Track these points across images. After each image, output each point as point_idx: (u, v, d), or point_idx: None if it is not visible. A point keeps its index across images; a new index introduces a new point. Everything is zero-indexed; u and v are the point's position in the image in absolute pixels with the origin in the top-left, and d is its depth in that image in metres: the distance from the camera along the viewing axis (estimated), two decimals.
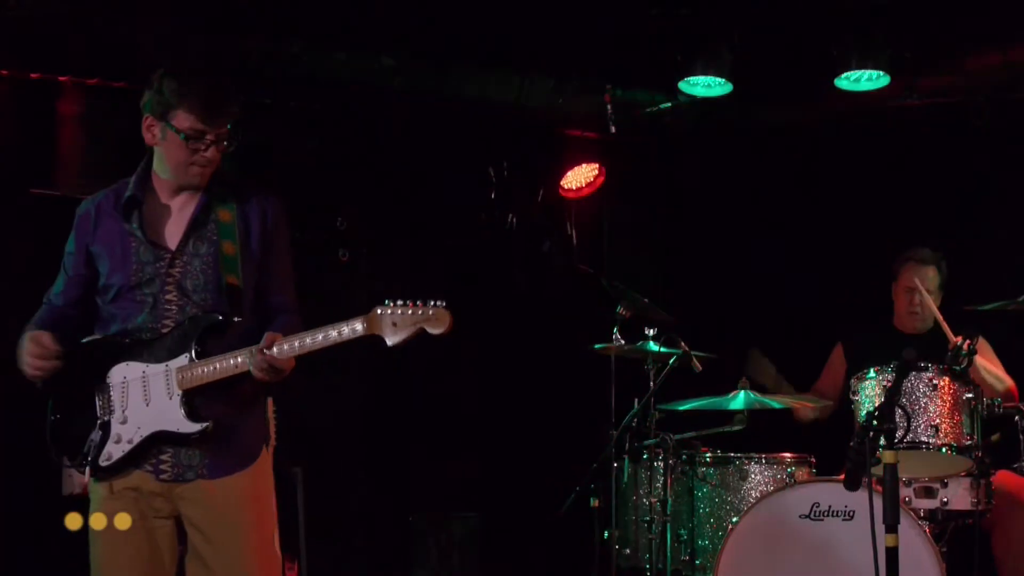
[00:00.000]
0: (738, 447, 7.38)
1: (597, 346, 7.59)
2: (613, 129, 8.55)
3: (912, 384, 6.52)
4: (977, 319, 6.94)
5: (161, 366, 4.90)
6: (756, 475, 7.20)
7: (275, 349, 4.79)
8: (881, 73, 8.08)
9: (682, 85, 8.33)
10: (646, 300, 7.58)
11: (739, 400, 7.25)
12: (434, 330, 4.73)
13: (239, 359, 4.83)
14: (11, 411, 7.91)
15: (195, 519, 4.94)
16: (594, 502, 7.49)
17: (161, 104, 4.91)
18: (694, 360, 7.34)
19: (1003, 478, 6.95)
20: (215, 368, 4.84)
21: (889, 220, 8.88)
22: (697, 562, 7.28)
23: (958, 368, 6.65)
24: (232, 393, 4.95)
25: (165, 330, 4.93)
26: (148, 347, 4.93)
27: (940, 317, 7.46)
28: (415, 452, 9.18)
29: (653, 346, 7.49)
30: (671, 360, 7.37)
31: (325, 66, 8.06)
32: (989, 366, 7.38)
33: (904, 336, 7.77)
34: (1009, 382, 7.42)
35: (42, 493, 7.92)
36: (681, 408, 7.48)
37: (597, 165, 9.23)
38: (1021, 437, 6.72)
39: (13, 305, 8.03)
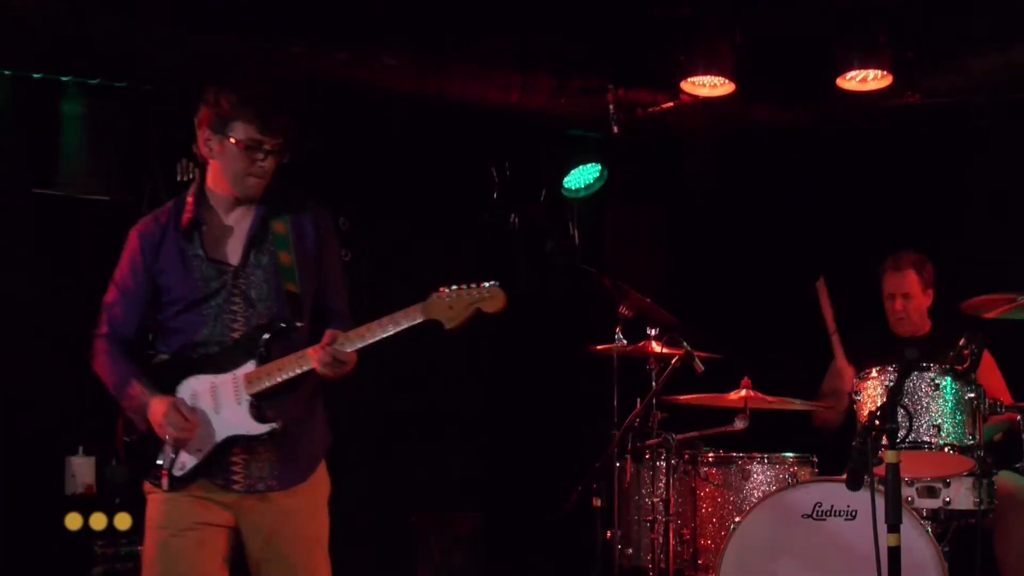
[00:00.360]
0: (740, 447, 7.41)
1: (599, 347, 7.60)
2: (615, 129, 8.55)
3: (914, 384, 6.51)
4: (987, 328, 6.96)
5: (228, 375, 5.05)
6: (758, 475, 7.27)
7: (337, 343, 4.96)
8: (883, 73, 8.09)
9: (684, 85, 8.34)
10: (648, 300, 7.58)
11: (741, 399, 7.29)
12: (489, 309, 4.98)
13: (303, 358, 4.99)
14: (13, 410, 7.97)
15: (263, 529, 5.12)
16: (596, 502, 7.46)
17: (219, 117, 5.07)
18: (696, 360, 7.33)
19: (1005, 478, 6.94)
20: (280, 369, 5.01)
21: (890, 220, 8.91)
22: (699, 562, 7.33)
23: (960, 368, 6.67)
24: (296, 402, 5.15)
25: (233, 341, 5.10)
26: (214, 360, 5.09)
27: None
28: (418, 451, 9.20)
29: (655, 346, 7.49)
30: (673, 360, 7.37)
31: (326, 66, 8.04)
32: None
33: (901, 337, 7.78)
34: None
35: (45, 492, 8.01)
36: (682, 398, 7.54)
37: (599, 165, 9.20)
38: (1023, 437, 6.67)
39: (16, 303, 8.14)
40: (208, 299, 5.12)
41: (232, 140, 5.07)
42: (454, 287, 4.98)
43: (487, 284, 5.00)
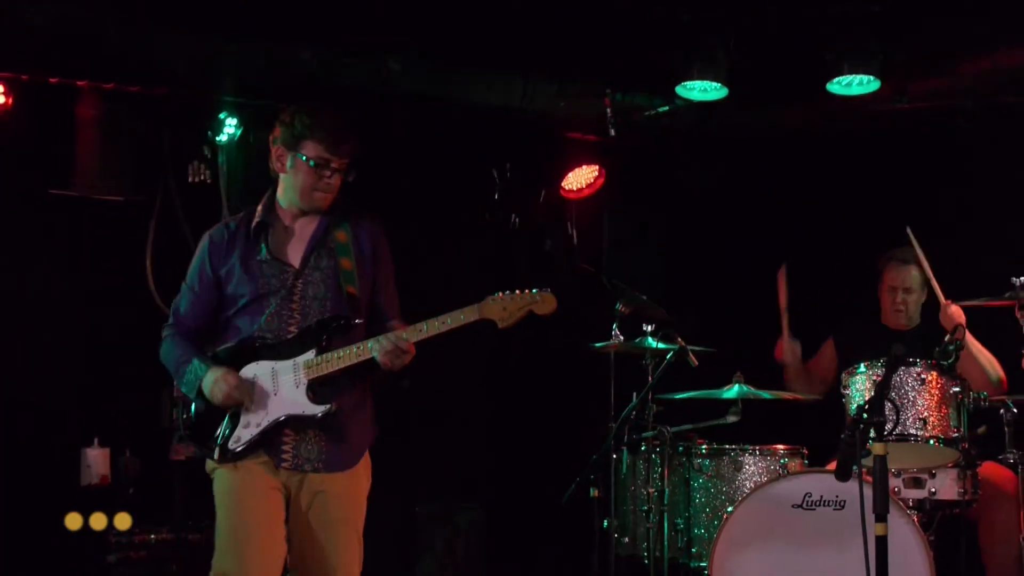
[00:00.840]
0: (733, 439, 7.48)
1: (596, 344, 7.65)
2: (613, 132, 8.61)
3: (901, 378, 6.62)
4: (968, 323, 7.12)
5: (289, 362, 5.43)
6: (750, 466, 7.33)
7: (400, 334, 5.36)
8: (872, 77, 8.09)
9: (679, 89, 8.33)
10: (644, 297, 7.62)
11: (733, 393, 7.36)
12: (541, 311, 5.48)
13: (363, 347, 5.38)
14: (32, 403, 8.10)
15: (305, 508, 5.45)
16: (594, 492, 7.46)
17: (293, 136, 5.52)
18: (691, 355, 7.38)
19: (989, 469, 7.06)
20: (340, 356, 5.39)
21: (880, 220, 8.84)
22: (693, 550, 7.38)
23: (946, 363, 6.74)
24: (349, 391, 5.52)
25: (290, 335, 5.47)
26: (276, 348, 5.46)
27: (934, 282, 7.63)
28: (420, 446, 9.19)
29: (651, 342, 7.54)
30: (668, 355, 7.40)
31: (332, 70, 8.13)
32: (983, 352, 7.51)
33: (892, 332, 7.88)
34: (1001, 372, 7.48)
35: (61, 483, 8.13)
36: (677, 397, 7.59)
37: (597, 167, 9.28)
38: (1006, 429, 6.79)
39: (35, 299, 8.28)
40: (269, 296, 5.49)
41: (303, 157, 5.50)
42: (508, 292, 5.45)
43: (538, 290, 5.48)
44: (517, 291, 5.47)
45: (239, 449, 5.40)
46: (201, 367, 5.46)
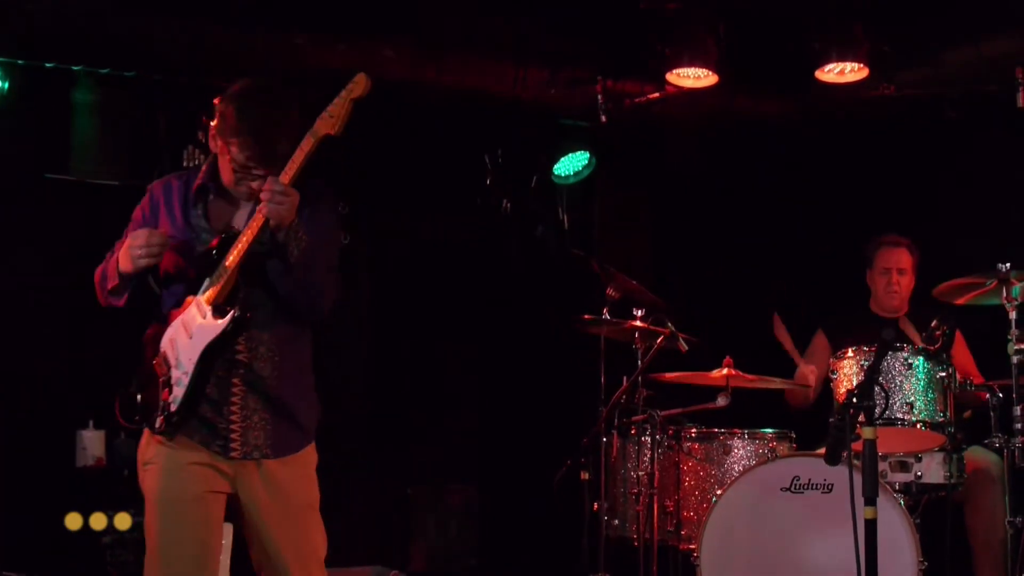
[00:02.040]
0: (722, 423, 7.50)
1: (586, 317, 7.64)
2: (604, 119, 8.64)
3: (888, 363, 6.64)
4: (956, 311, 7.18)
5: (191, 305, 4.98)
6: (739, 450, 7.35)
7: (271, 179, 4.79)
8: (859, 66, 8.16)
9: (670, 77, 8.38)
10: (635, 282, 7.65)
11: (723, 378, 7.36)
12: (358, 93, 4.97)
13: (253, 223, 4.85)
14: (27, 386, 8.14)
15: (261, 496, 5.04)
16: (584, 475, 7.58)
17: (221, 128, 4.93)
18: (680, 340, 7.42)
19: (974, 453, 7.15)
20: (228, 264, 4.89)
21: (867, 208, 9.04)
22: (682, 533, 7.39)
23: (932, 348, 6.80)
24: (290, 373, 5.07)
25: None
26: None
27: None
28: (414, 427, 9.31)
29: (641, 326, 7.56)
30: (658, 340, 7.45)
31: (326, 57, 8.11)
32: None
33: (880, 319, 7.92)
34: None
35: (56, 465, 8.16)
36: (667, 376, 7.59)
37: (588, 153, 9.30)
38: (992, 414, 6.77)
39: (29, 283, 8.31)
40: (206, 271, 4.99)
41: (230, 154, 4.93)
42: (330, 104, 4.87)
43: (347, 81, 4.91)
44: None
45: (177, 408, 4.91)
46: (118, 246, 5.07)
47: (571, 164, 9.34)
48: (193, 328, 4.95)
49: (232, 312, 4.90)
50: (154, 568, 5.01)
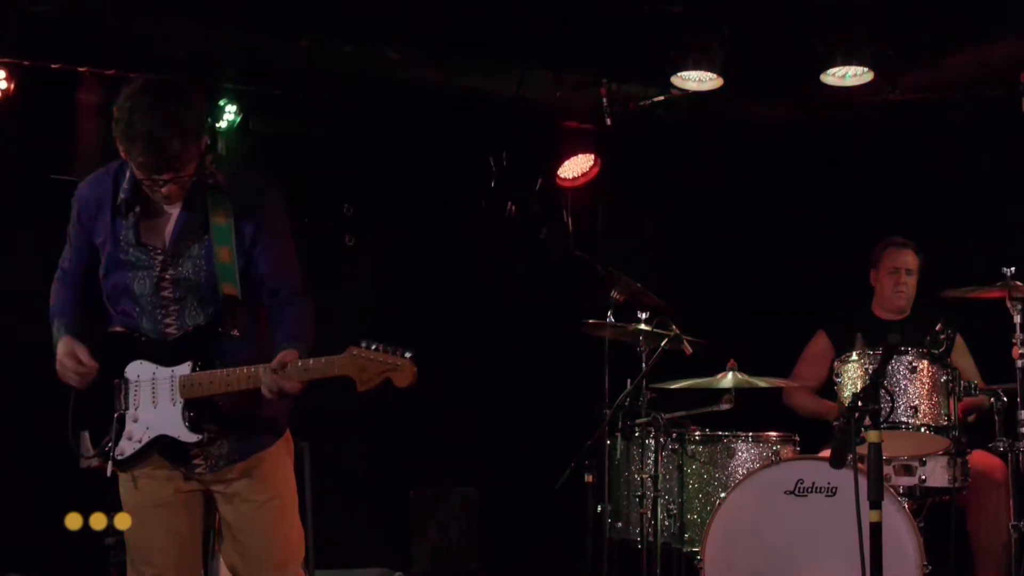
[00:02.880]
0: (726, 426, 7.49)
1: (590, 320, 7.66)
2: (608, 121, 8.63)
3: (893, 367, 6.65)
4: (957, 315, 7.19)
5: (168, 371, 4.79)
6: (743, 453, 7.33)
7: (288, 371, 4.63)
8: (864, 69, 8.17)
9: (674, 80, 8.40)
10: (639, 285, 7.67)
11: (727, 380, 7.35)
12: (400, 383, 4.63)
13: (253, 378, 4.68)
14: (31, 388, 8.11)
15: (233, 493, 4.92)
16: (588, 478, 7.51)
17: (115, 133, 4.64)
18: (685, 342, 7.39)
19: (978, 457, 7.12)
20: (228, 384, 4.73)
21: (870, 211, 9.04)
22: (686, 535, 7.38)
23: (936, 352, 6.83)
24: (233, 403, 4.84)
25: (169, 335, 4.82)
26: (160, 348, 4.82)
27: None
28: (416, 430, 9.31)
29: (645, 329, 7.53)
30: (662, 342, 7.41)
31: (332, 59, 8.15)
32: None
33: (883, 321, 7.93)
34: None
35: (59, 466, 8.15)
36: (672, 387, 7.56)
37: (593, 155, 9.33)
38: (996, 418, 6.83)
39: (33, 286, 8.30)
40: (135, 284, 4.81)
41: (131, 160, 4.66)
42: (368, 346, 4.58)
43: (401, 354, 4.62)
44: (379, 347, 4.58)
45: (122, 460, 4.84)
46: (60, 328, 4.95)
47: (575, 167, 9.35)
48: (161, 404, 4.81)
49: (201, 438, 4.79)
50: (134, 566, 5.04)
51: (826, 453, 5.51)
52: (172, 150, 4.54)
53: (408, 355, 4.62)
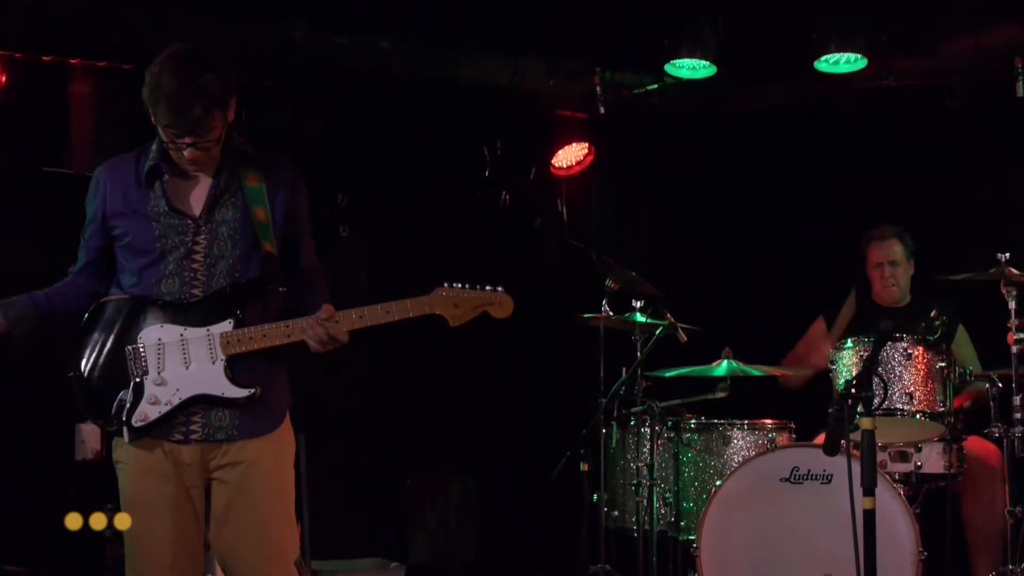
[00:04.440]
0: (721, 414, 7.52)
1: (585, 315, 7.66)
2: (602, 110, 8.62)
3: (888, 354, 6.68)
4: (959, 304, 7.19)
5: (202, 330, 4.78)
6: (738, 440, 7.35)
7: (335, 320, 4.77)
8: (858, 56, 8.17)
9: (668, 68, 8.42)
10: (634, 273, 7.66)
11: (722, 369, 7.40)
12: (499, 314, 4.93)
13: (292, 330, 4.78)
14: (26, 380, 8.12)
15: (227, 481, 4.84)
16: (584, 466, 7.55)
17: (144, 97, 4.73)
18: (679, 331, 7.41)
19: (973, 443, 7.13)
20: (264, 336, 4.78)
21: (866, 197, 9.04)
22: (682, 523, 7.41)
23: (931, 338, 6.85)
24: (267, 364, 4.87)
25: (194, 298, 4.79)
26: (184, 311, 4.79)
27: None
28: (413, 419, 9.30)
29: (640, 317, 7.57)
30: (657, 331, 7.44)
31: (326, 50, 8.11)
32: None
33: (882, 308, 7.93)
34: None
35: (54, 459, 8.16)
36: (667, 375, 7.61)
37: (587, 144, 9.33)
38: (991, 404, 6.84)
39: (25, 279, 8.30)
40: (167, 253, 4.80)
41: (157, 123, 4.75)
42: (458, 285, 4.83)
43: (493, 288, 4.91)
44: (467, 285, 4.83)
45: (142, 426, 4.76)
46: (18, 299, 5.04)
47: (570, 155, 9.35)
48: (195, 362, 4.80)
49: (253, 392, 4.81)
50: (129, 568, 4.97)
51: (821, 440, 5.50)
52: (194, 114, 4.62)
53: (501, 289, 4.90)
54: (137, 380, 4.80)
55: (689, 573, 7.15)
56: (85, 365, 4.91)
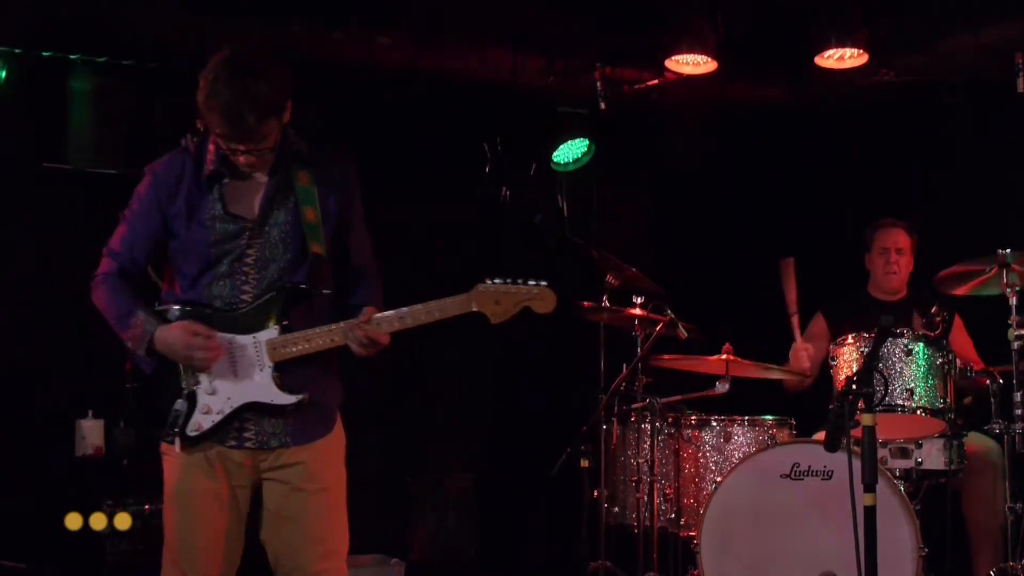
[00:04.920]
0: (722, 410, 7.51)
1: (586, 304, 7.64)
2: (603, 106, 8.65)
3: (888, 349, 6.64)
4: (953, 296, 7.17)
5: (248, 337, 4.80)
6: (739, 437, 7.37)
7: (373, 323, 4.76)
8: (858, 52, 8.17)
9: (668, 63, 8.41)
10: (634, 269, 7.65)
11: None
12: (541, 309, 4.86)
13: (335, 334, 4.79)
14: (27, 376, 8.13)
15: (279, 483, 4.90)
16: (584, 463, 7.55)
17: (199, 103, 4.70)
18: (680, 327, 7.40)
19: (973, 439, 7.11)
20: (308, 341, 4.79)
21: (866, 193, 9.04)
22: (682, 520, 7.42)
23: (932, 334, 6.83)
24: (315, 369, 4.91)
25: (244, 304, 4.83)
26: (232, 318, 4.82)
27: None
28: (412, 416, 9.30)
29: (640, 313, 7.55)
30: (658, 327, 7.43)
31: (322, 44, 8.12)
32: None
33: (879, 303, 7.94)
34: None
35: (56, 454, 8.15)
36: (667, 367, 7.60)
37: (587, 140, 9.25)
38: (992, 400, 6.80)
39: (26, 272, 8.32)
40: (222, 257, 4.82)
41: (211, 130, 4.75)
42: (498, 281, 4.81)
43: (536, 283, 4.85)
44: (511, 282, 4.81)
45: (196, 435, 4.78)
46: (151, 320, 4.77)
47: (570, 151, 9.34)
48: (243, 369, 4.82)
49: (300, 398, 4.83)
50: (168, 560, 4.95)
51: (822, 436, 5.49)
52: (247, 124, 4.63)
53: (544, 283, 4.83)
54: (191, 390, 4.83)
55: (689, 570, 7.18)
56: (142, 378, 4.90)
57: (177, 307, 4.87)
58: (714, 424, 7.47)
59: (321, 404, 4.98)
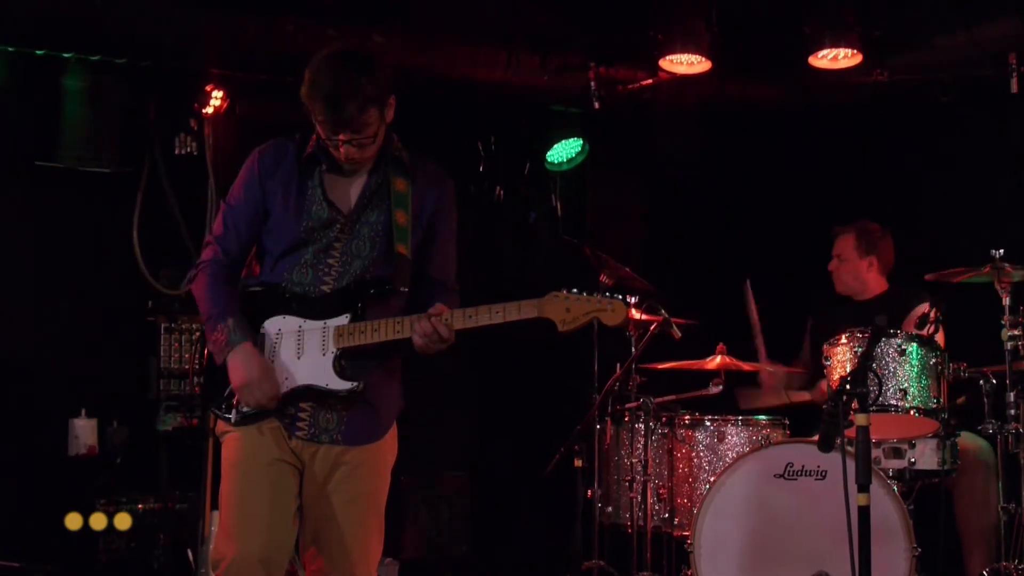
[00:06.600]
0: (715, 410, 7.54)
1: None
2: (597, 105, 8.63)
3: (882, 349, 6.66)
4: (943, 293, 7.18)
5: (319, 323, 4.88)
6: (733, 437, 7.38)
7: (443, 318, 4.81)
8: (852, 51, 8.14)
9: (662, 63, 8.38)
10: (628, 269, 7.66)
11: (716, 364, 7.45)
12: (610, 322, 4.82)
13: (403, 325, 4.82)
14: (20, 376, 8.13)
15: (321, 479, 4.93)
16: (578, 462, 7.55)
17: (304, 93, 4.87)
18: (673, 327, 7.37)
19: (965, 440, 7.11)
20: (375, 330, 4.84)
21: (859, 192, 9.05)
22: (676, 520, 7.45)
23: (924, 335, 6.82)
24: (379, 365, 5.00)
25: (322, 293, 4.90)
26: (308, 303, 4.91)
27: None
28: (405, 415, 9.23)
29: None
30: (651, 327, 7.42)
31: (316, 42, 7.99)
32: None
33: (854, 303, 7.97)
34: None
35: (49, 454, 8.16)
36: (660, 367, 7.65)
37: (581, 139, 9.33)
38: (985, 400, 6.82)
39: (19, 272, 8.32)
40: (310, 243, 4.93)
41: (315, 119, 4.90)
42: (574, 291, 4.84)
43: (610, 295, 4.83)
44: (585, 293, 4.83)
45: (250, 413, 4.87)
46: (236, 335, 4.85)
47: (564, 151, 9.36)
48: (307, 353, 4.91)
49: (356, 386, 4.88)
50: (223, 535, 4.92)
51: (816, 437, 5.49)
52: (348, 112, 4.79)
53: (618, 296, 4.80)
54: None
55: (683, 569, 7.16)
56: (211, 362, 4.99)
57: (253, 287, 5.02)
58: (708, 424, 7.48)
59: (378, 408, 5.07)
